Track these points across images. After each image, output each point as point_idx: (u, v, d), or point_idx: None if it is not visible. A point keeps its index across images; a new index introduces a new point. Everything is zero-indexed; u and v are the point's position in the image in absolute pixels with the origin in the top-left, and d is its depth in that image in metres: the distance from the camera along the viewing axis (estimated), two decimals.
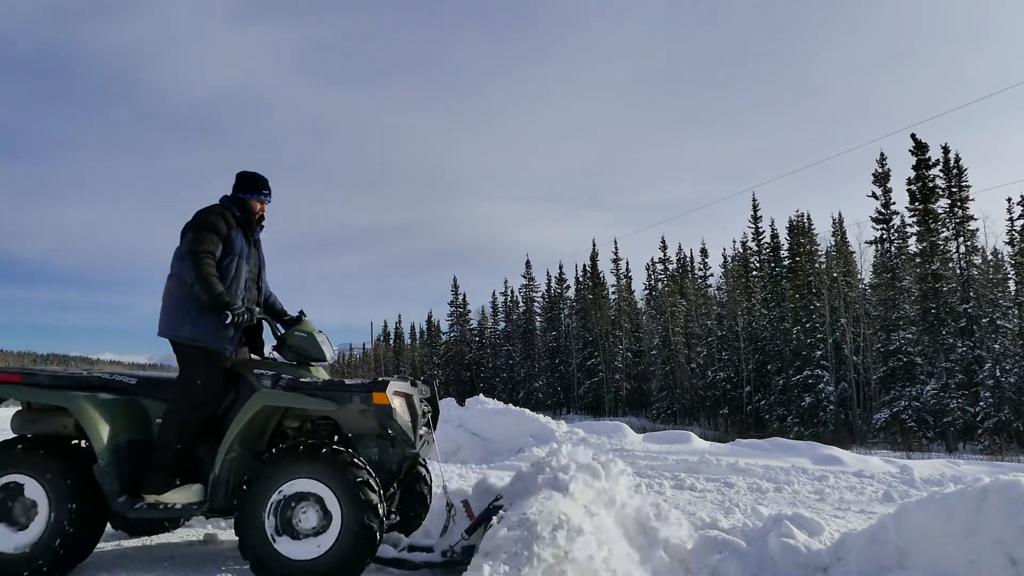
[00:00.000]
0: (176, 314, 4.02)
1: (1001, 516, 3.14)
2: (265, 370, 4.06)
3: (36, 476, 3.86)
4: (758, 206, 45.50)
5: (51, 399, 4.03)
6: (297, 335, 4.17)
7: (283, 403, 3.94)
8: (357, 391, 3.88)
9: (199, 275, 3.88)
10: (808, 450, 9.61)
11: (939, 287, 30.82)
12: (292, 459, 3.74)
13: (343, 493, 3.64)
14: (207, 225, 4.00)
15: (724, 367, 43.85)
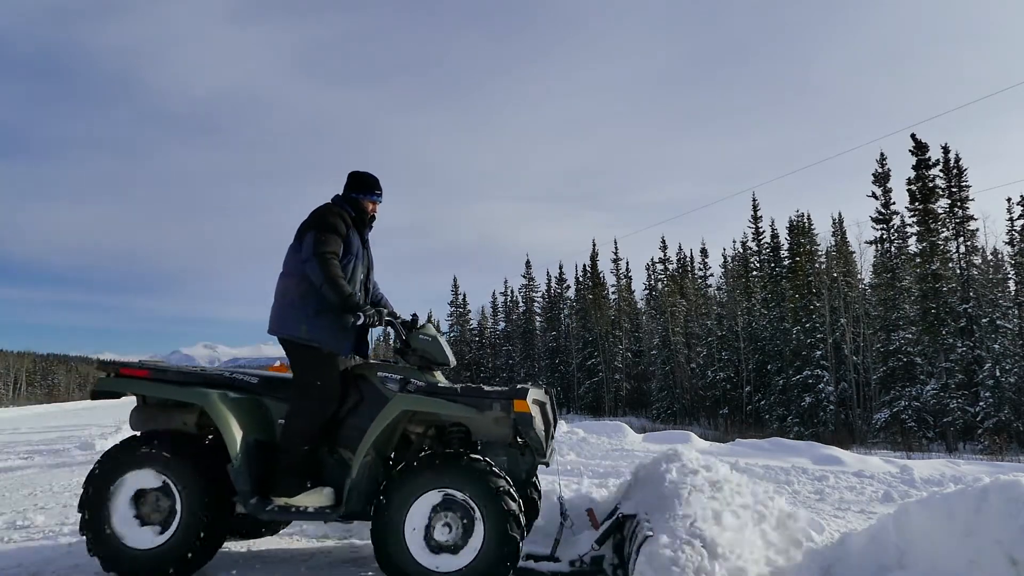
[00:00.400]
0: (292, 313, 3.97)
1: (1001, 516, 3.14)
2: (389, 373, 4.01)
3: (168, 473, 3.80)
4: (758, 206, 45.53)
5: (183, 396, 3.97)
6: (422, 338, 4.08)
7: (424, 408, 3.84)
8: (497, 398, 3.79)
9: (328, 276, 3.83)
10: (808, 450, 9.60)
11: (939, 287, 30.81)
12: (432, 468, 3.66)
13: (486, 503, 3.56)
14: (328, 226, 3.95)
15: (724, 367, 43.83)
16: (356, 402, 4.02)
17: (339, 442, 3.99)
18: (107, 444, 11.03)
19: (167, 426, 4.11)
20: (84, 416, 25.08)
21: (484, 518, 3.56)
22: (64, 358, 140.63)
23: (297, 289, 3.99)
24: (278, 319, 4.05)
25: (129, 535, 3.78)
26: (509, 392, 3.83)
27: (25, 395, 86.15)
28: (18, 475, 8.34)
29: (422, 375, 4.04)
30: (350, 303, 3.83)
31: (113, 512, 3.81)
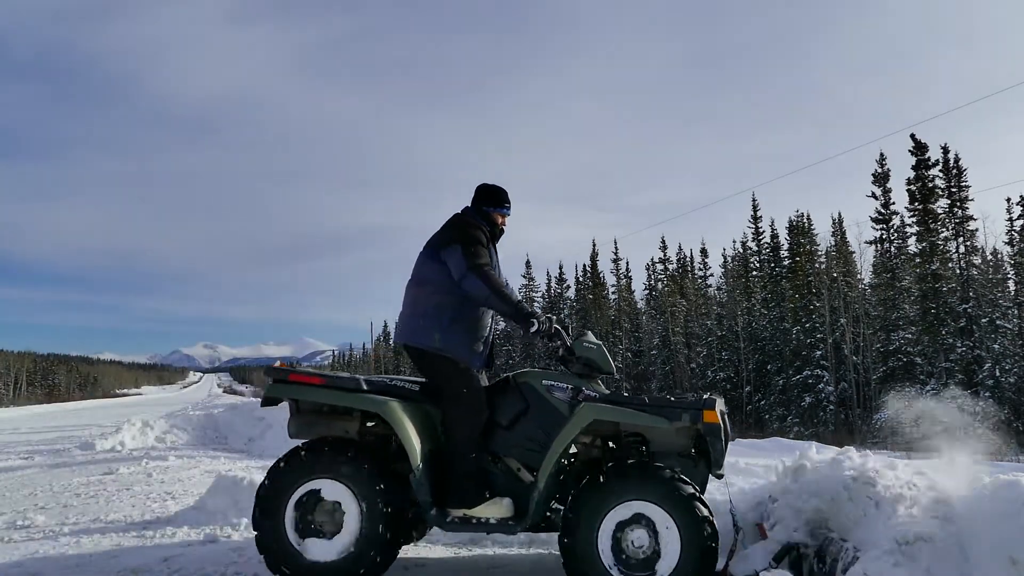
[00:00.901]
0: (425, 323, 3.94)
1: (1001, 516, 3.13)
2: (555, 381, 3.93)
3: (347, 483, 3.70)
4: (758, 206, 45.50)
5: (361, 404, 3.85)
6: (586, 346, 3.97)
7: (613, 418, 3.74)
8: (687, 408, 3.69)
9: (494, 288, 3.81)
10: (808, 450, 9.60)
11: (939, 287, 30.82)
12: (624, 479, 3.56)
13: (680, 514, 3.43)
14: (475, 239, 3.93)
15: (724, 367, 43.84)
16: (521, 410, 3.94)
17: (506, 451, 3.94)
18: (107, 444, 11.03)
19: (327, 434, 4.00)
20: (84, 416, 25.08)
21: (679, 529, 3.43)
22: (64, 358, 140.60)
23: (430, 299, 3.96)
24: (410, 328, 4.00)
25: (308, 548, 3.69)
26: (698, 402, 3.74)
27: (25, 395, 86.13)
28: (18, 475, 8.34)
29: (590, 384, 3.94)
30: (523, 311, 3.81)
31: (289, 525, 3.71)
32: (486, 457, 3.93)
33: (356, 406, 3.89)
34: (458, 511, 3.77)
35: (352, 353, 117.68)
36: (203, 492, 6.05)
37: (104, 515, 5.81)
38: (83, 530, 5.24)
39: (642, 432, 3.85)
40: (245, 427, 12.15)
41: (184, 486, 7.24)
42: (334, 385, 3.93)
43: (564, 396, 3.88)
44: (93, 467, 8.86)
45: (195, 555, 4.52)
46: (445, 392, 3.92)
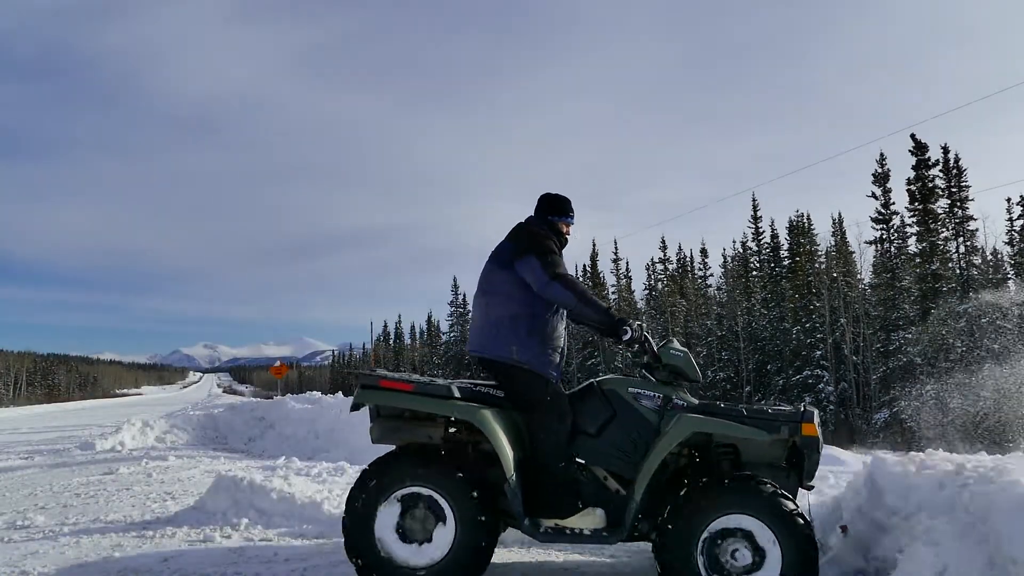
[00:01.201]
0: (501, 334, 3.88)
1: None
2: (642, 389, 3.89)
3: (440, 490, 3.67)
4: (758, 206, 45.50)
5: (454, 412, 3.79)
6: (673, 353, 3.92)
7: (714, 430, 3.69)
8: (785, 420, 3.65)
9: (583, 296, 3.79)
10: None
11: (939, 287, 30.82)
12: (726, 492, 3.51)
13: (780, 527, 3.38)
14: (550, 248, 3.89)
15: (724, 367, 43.84)
16: (607, 419, 3.89)
17: (592, 459, 3.89)
18: (107, 444, 11.03)
19: (411, 440, 3.95)
20: (84, 416, 25.08)
21: (780, 542, 3.38)
22: (64, 358, 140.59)
23: (506, 310, 3.91)
24: (484, 340, 3.96)
25: (400, 556, 3.66)
26: (797, 414, 3.69)
27: (25, 395, 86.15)
28: (18, 475, 8.35)
29: (678, 392, 3.90)
30: (614, 318, 3.79)
31: (382, 533, 3.68)
32: (576, 466, 3.87)
33: (449, 414, 3.83)
34: (550, 521, 3.72)
35: (352, 353, 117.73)
36: (203, 492, 6.05)
37: (104, 515, 5.81)
38: (83, 530, 5.24)
39: (736, 443, 3.80)
40: (245, 427, 12.15)
41: (184, 486, 7.24)
42: (425, 392, 3.83)
43: (652, 404, 3.85)
44: (93, 467, 8.86)
45: (195, 555, 4.52)
46: (529, 402, 3.86)
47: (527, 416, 3.87)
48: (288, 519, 5.43)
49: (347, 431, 10.74)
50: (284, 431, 11.47)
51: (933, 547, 3.38)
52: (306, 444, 10.88)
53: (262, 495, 5.65)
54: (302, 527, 5.25)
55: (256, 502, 5.62)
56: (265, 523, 5.34)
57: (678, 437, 3.64)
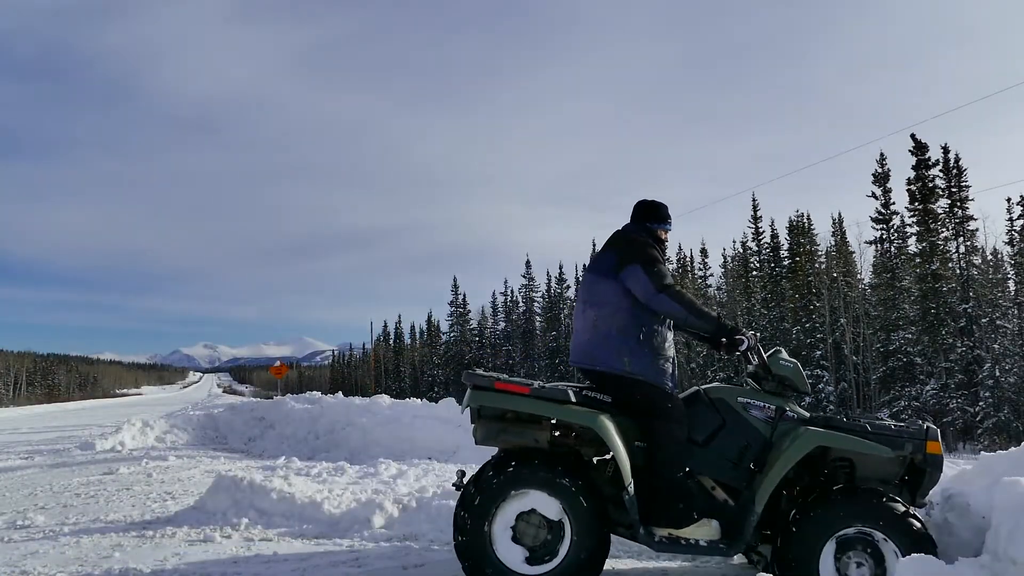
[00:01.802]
0: (612, 346, 3.80)
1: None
2: (752, 399, 3.87)
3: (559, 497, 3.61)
4: (758, 206, 45.50)
5: (572, 417, 3.71)
6: (783, 364, 3.91)
7: (839, 444, 3.69)
8: (910, 438, 3.66)
9: (691, 307, 3.75)
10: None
11: (939, 287, 30.83)
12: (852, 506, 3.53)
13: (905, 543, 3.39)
14: (655, 259, 3.84)
15: (724, 367, 43.83)
16: (716, 428, 3.85)
17: (699, 469, 3.83)
18: (107, 444, 11.03)
19: (517, 442, 3.83)
20: (84, 416, 25.09)
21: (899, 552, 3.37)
22: (64, 358, 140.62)
23: (614, 322, 3.83)
24: (593, 352, 3.87)
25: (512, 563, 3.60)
26: (921, 432, 3.69)
27: (25, 395, 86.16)
28: (18, 475, 8.35)
29: (789, 404, 3.90)
30: (727, 328, 3.77)
31: (496, 539, 3.63)
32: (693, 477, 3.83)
33: (564, 419, 3.75)
34: (664, 531, 3.68)
35: (352, 353, 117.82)
36: (203, 492, 6.05)
37: (104, 515, 5.80)
38: (83, 530, 5.24)
39: (852, 458, 3.77)
40: (245, 427, 12.15)
41: (184, 486, 7.24)
42: (541, 396, 3.75)
43: (762, 415, 3.82)
44: (93, 467, 8.86)
45: (195, 555, 4.52)
46: (648, 411, 3.78)
47: (643, 425, 3.79)
48: (288, 519, 5.43)
49: (347, 431, 10.75)
50: (284, 431, 11.47)
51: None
52: (306, 444, 10.88)
53: (262, 495, 5.64)
54: (302, 527, 5.25)
55: (256, 502, 5.61)
56: (265, 523, 5.34)
57: (803, 450, 3.61)
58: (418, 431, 10.26)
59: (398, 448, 9.97)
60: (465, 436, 10.71)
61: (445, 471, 7.72)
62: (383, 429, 10.43)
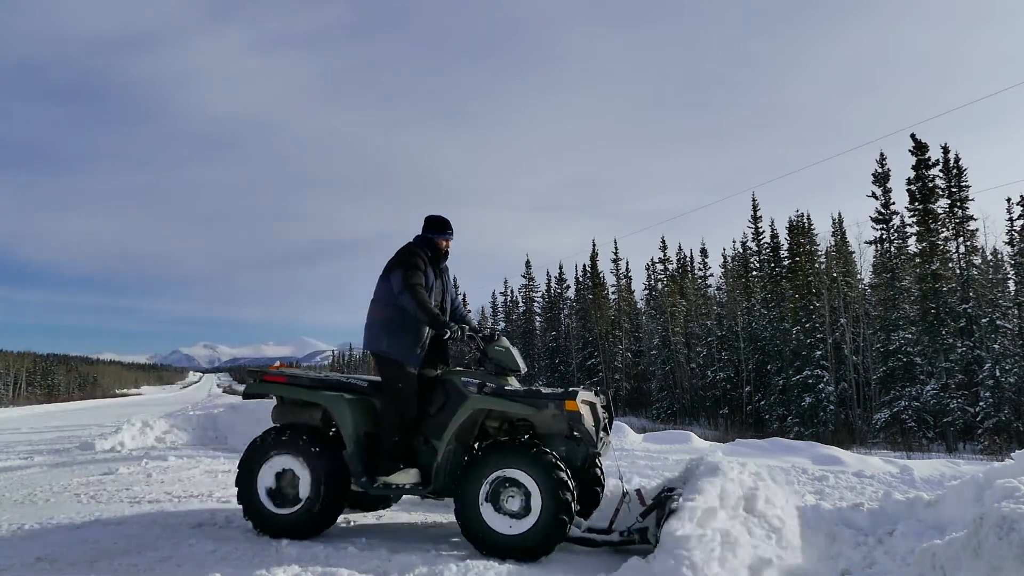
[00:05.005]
0: (376, 331, 4.94)
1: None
2: (471, 378, 4.84)
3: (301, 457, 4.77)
4: (758, 206, 45.54)
5: (312, 397, 4.97)
6: (496, 349, 4.88)
7: (491, 406, 4.66)
8: (551, 399, 4.57)
9: (420, 303, 4.77)
10: (808, 450, 9.60)
11: (939, 287, 30.82)
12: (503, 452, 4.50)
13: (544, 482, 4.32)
14: (412, 264, 4.90)
15: (724, 367, 43.83)
16: (444, 401, 4.86)
17: (432, 434, 4.83)
18: (107, 444, 11.02)
19: (299, 420, 5.06)
20: (84, 416, 25.07)
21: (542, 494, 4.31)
22: (64, 358, 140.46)
23: (381, 313, 4.96)
24: (368, 336, 5.01)
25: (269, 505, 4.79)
26: (561, 394, 4.58)
27: (25, 395, 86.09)
28: (18, 475, 8.34)
29: (496, 380, 4.80)
30: (438, 322, 4.80)
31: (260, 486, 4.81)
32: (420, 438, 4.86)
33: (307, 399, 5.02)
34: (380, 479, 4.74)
35: (352, 353, 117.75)
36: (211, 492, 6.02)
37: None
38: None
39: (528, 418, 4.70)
40: (245, 427, 12.13)
41: (184, 486, 7.23)
42: (293, 383, 5.08)
43: (474, 390, 4.75)
44: (93, 467, 8.85)
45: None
46: (384, 387, 4.91)
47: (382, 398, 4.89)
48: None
49: None
50: None
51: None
52: None
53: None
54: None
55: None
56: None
57: (467, 411, 4.65)
58: None
59: None
60: None
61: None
62: None
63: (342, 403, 4.85)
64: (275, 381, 5.13)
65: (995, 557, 3.05)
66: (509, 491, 4.41)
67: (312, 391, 5.00)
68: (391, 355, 4.85)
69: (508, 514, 4.38)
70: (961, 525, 3.56)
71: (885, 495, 5.25)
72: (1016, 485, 3.48)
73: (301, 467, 4.76)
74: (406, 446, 4.82)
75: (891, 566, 3.93)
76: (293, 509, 4.74)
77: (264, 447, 4.89)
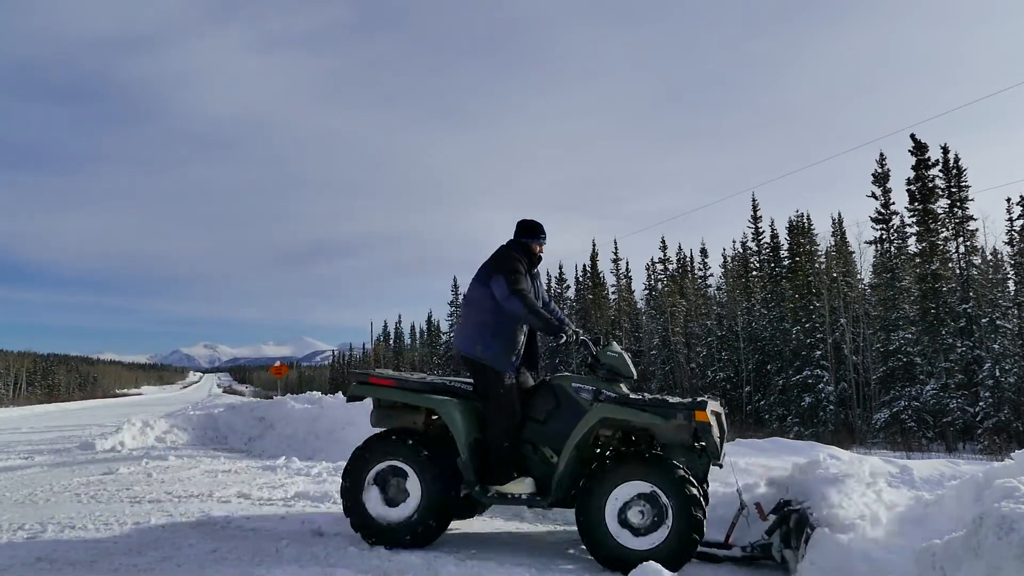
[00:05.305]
0: (472, 336, 4.83)
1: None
2: (582, 384, 4.67)
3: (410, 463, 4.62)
4: (758, 206, 45.54)
5: (424, 402, 4.77)
6: (610, 355, 4.69)
7: (617, 415, 4.47)
8: (681, 409, 4.39)
9: (531, 308, 4.65)
10: (808, 450, 9.59)
11: (939, 287, 30.83)
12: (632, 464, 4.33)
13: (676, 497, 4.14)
14: (514, 269, 4.79)
15: (724, 367, 43.84)
16: (553, 408, 4.69)
17: (541, 441, 4.69)
18: (107, 444, 11.02)
19: (399, 424, 4.92)
20: (84, 416, 25.07)
21: (672, 505, 4.15)
22: (64, 358, 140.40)
23: (477, 317, 4.86)
24: (459, 339, 4.96)
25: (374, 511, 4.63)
26: (691, 404, 4.41)
27: (25, 395, 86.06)
28: (18, 475, 8.34)
29: (611, 386, 4.62)
30: (553, 326, 4.68)
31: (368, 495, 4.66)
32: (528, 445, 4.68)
33: (418, 404, 4.80)
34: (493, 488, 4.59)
35: (352, 353, 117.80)
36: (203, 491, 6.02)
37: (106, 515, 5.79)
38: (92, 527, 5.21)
39: (649, 428, 4.52)
40: (245, 427, 12.14)
41: (184, 486, 7.23)
42: (402, 386, 4.86)
43: (589, 396, 4.58)
44: (93, 467, 8.86)
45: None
46: (485, 393, 4.74)
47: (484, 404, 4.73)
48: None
49: (347, 431, 10.74)
50: (284, 431, 11.46)
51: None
52: (306, 444, 10.87)
53: None
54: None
55: None
56: None
57: (591, 421, 4.46)
58: None
59: None
60: None
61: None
62: None
63: (454, 408, 4.66)
64: (382, 384, 4.92)
65: (995, 557, 3.05)
66: (638, 505, 4.23)
67: (422, 395, 4.78)
68: (486, 361, 4.72)
69: (635, 528, 4.20)
70: (961, 525, 3.56)
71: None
72: (1016, 485, 3.47)
73: (411, 474, 4.60)
74: (516, 453, 4.65)
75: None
76: (405, 518, 4.58)
77: (372, 454, 4.72)
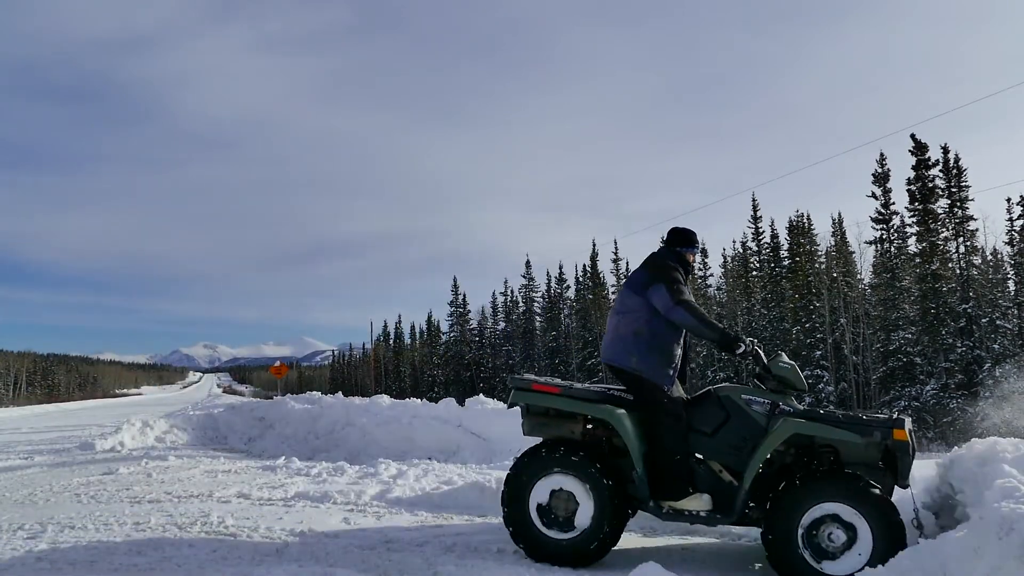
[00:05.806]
0: (627, 347, 4.55)
1: None
2: (754, 396, 4.44)
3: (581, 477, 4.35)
4: (758, 206, 45.50)
5: (594, 412, 4.50)
6: (782, 365, 4.44)
7: (808, 431, 4.19)
8: (879, 426, 4.11)
9: (702, 319, 4.41)
10: None
11: (939, 287, 30.83)
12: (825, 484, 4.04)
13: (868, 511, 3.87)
14: (676, 278, 4.54)
15: (724, 367, 43.83)
16: (723, 420, 4.46)
17: (709, 454, 4.48)
18: (107, 444, 11.02)
19: (556, 434, 4.63)
20: (84, 416, 25.08)
21: (872, 529, 3.86)
22: (64, 358, 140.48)
23: (630, 327, 4.58)
24: (612, 350, 4.65)
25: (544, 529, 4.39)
26: (888, 421, 4.14)
27: (25, 395, 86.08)
28: (18, 475, 8.34)
29: (786, 399, 4.39)
30: (730, 336, 4.38)
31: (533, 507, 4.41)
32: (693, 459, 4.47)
33: (588, 413, 4.53)
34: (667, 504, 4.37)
35: (352, 353, 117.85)
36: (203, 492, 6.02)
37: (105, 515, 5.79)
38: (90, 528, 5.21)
39: (834, 445, 4.27)
40: (245, 427, 12.14)
41: (184, 486, 7.23)
42: (567, 394, 4.59)
43: (761, 409, 4.36)
44: (93, 467, 8.86)
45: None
46: (649, 405, 4.48)
47: (648, 416, 4.47)
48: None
49: (347, 431, 10.74)
50: (284, 431, 11.46)
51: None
52: (306, 444, 10.87)
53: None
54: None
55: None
56: None
57: (782, 436, 4.18)
58: (418, 431, 10.26)
59: (398, 448, 9.97)
60: (465, 436, 10.72)
61: (445, 471, 7.72)
62: (383, 429, 10.42)
63: (626, 419, 4.38)
64: (547, 391, 4.64)
65: (995, 557, 3.05)
66: (830, 527, 3.95)
67: (592, 404, 4.52)
68: (643, 374, 4.48)
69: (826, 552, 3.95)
70: (961, 525, 3.57)
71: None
72: (1016, 485, 3.48)
73: (581, 488, 4.34)
74: (687, 467, 4.43)
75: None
76: (572, 535, 4.33)
77: (538, 464, 4.46)
